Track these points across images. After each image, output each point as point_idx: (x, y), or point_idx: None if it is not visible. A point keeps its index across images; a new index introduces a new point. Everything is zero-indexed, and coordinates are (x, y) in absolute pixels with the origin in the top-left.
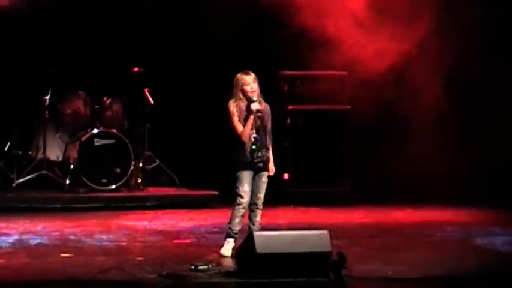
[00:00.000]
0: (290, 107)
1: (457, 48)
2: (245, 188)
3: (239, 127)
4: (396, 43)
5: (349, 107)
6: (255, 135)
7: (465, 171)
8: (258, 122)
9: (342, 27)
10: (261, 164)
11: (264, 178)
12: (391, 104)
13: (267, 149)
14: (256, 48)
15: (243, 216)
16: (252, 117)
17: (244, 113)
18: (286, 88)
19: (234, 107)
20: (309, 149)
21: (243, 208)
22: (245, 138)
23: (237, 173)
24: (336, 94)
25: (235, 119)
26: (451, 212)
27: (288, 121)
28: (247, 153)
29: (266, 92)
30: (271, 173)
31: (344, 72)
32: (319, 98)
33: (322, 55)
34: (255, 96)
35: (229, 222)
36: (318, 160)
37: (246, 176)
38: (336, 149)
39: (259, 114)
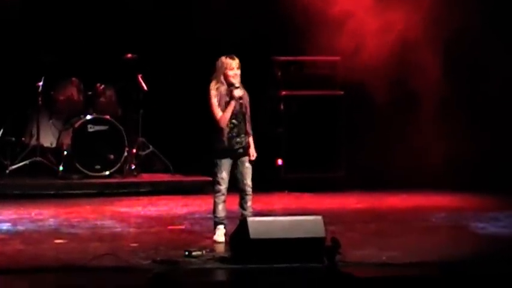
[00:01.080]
0: (283, 92)
1: (458, 28)
2: (223, 175)
3: (218, 112)
4: (394, 26)
5: (342, 92)
6: (233, 121)
7: (462, 157)
8: (238, 108)
9: (338, 10)
10: (241, 150)
11: (247, 163)
12: (386, 88)
13: (246, 135)
14: (249, 34)
15: (224, 201)
16: (232, 103)
17: (224, 98)
18: (279, 74)
19: (215, 91)
20: (303, 134)
21: (222, 195)
22: (223, 124)
23: (215, 160)
24: (330, 79)
25: (215, 102)
26: (446, 197)
27: (282, 107)
28: (226, 140)
29: (259, 78)
30: (252, 158)
31: (337, 57)
32: (312, 84)
33: (318, 39)
34: (237, 82)
35: (213, 212)
36: (312, 146)
37: (224, 163)
38: (329, 135)
39: (240, 101)
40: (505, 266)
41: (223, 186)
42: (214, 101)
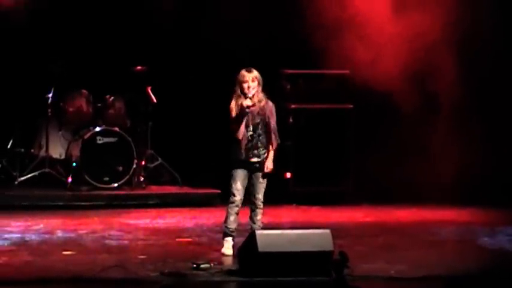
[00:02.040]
0: (292, 105)
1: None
2: (238, 186)
3: (235, 125)
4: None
5: (351, 105)
6: (251, 133)
7: (471, 171)
8: (257, 120)
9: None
10: (257, 165)
11: (261, 179)
12: (394, 103)
13: (265, 148)
14: (258, 46)
15: (237, 213)
16: (243, 114)
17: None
18: (288, 87)
19: (234, 103)
20: (312, 147)
21: (236, 206)
22: (239, 136)
23: (232, 171)
24: (339, 93)
25: (233, 115)
26: (454, 211)
27: (290, 120)
28: (242, 151)
29: (268, 91)
30: (266, 171)
31: (346, 71)
32: (321, 97)
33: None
34: (250, 93)
35: (225, 221)
36: (321, 159)
37: (239, 174)
38: (338, 148)
39: (247, 110)
40: None
41: (237, 198)
42: (233, 113)
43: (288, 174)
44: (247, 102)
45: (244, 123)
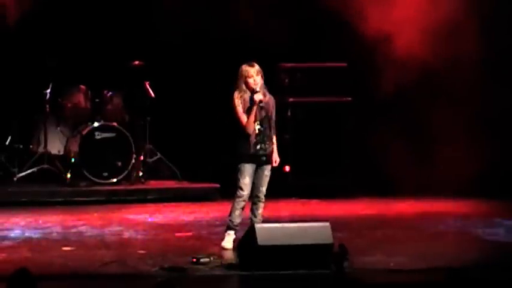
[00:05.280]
0: (291, 99)
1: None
2: (246, 181)
3: (243, 118)
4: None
5: (350, 98)
6: (258, 126)
7: (470, 163)
8: (263, 114)
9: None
10: (264, 158)
11: (267, 171)
12: (393, 95)
13: (271, 141)
14: (256, 40)
15: (243, 208)
16: (254, 108)
17: (248, 105)
18: (286, 80)
19: (238, 99)
20: (310, 141)
21: (243, 201)
22: (249, 130)
23: (239, 165)
24: (337, 86)
25: (240, 110)
26: (452, 203)
27: (289, 113)
28: (251, 146)
29: (266, 84)
30: (275, 164)
31: (344, 64)
32: (319, 90)
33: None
34: (257, 87)
35: (230, 215)
36: (319, 152)
37: (247, 169)
38: (337, 141)
39: (261, 104)
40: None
41: (245, 192)
42: (239, 108)
43: (287, 168)
44: (258, 97)
45: (253, 117)
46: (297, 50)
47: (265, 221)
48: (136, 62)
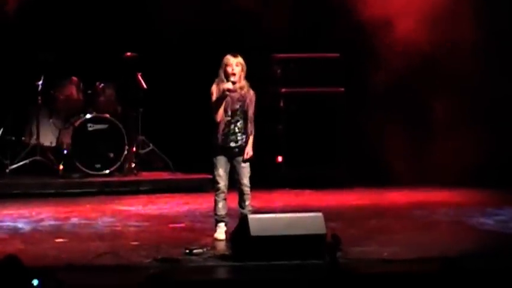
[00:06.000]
0: (283, 90)
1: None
2: (220, 172)
3: (214, 109)
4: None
5: (342, 89)
6: (229, 118)
7: (465, 152)
8: (236, 106)
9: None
10: (236, 150)
11: (243, 164)
12: (386, 85)
13: (244, 134)
14: (249, 31)
15: (225, 199)
16: (222, 96)
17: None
18: (279, 71)
19: (215, 87)
20: (303, 131)
21: (222, 192)
22: (217, 119)
23: (212, 158)
24: (330, 76)
25: (213, 98)
26: (447, 192)
27: (282, 104)
28: (220, 137)
29: (259, 75)
30: (247, 156)
31: (337, 54)
32: (312, 81)
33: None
34: (233, 78)
35: (214, 209)
36: (312, 142)
37: (219, 161)
38: (330, 131)
39: (226, 93)
40: (507, 262)
41: (221, 184)
42: (213, 97)
43: (280, 158)
44: (228, 86)
45: (223, 107)
46: (289, 40)
47: (257, 211)
48: (129, 54)
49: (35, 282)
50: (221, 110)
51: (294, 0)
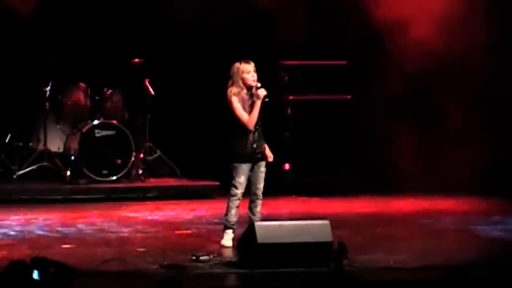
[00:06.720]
0: (290, 97)
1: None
2: (241, 180)
3: (244, 116)
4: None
5: (349, 96)
6: (255, 125)
7: (470, 161)
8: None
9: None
10: (259, 155)
11: (262, 168)
12: (392, 93)
13: (263, 139)
14: (256, 38)
15: (238, 207)
16: (259, 103)
17: (247, 102)
18: (286, 78)
19: (236, 96)
20: (310, 139)
21: (238, 199)
22: (251, 126)
23: (235, 164)
24: (337, 84)
25: (239, 107)
26: (452, 201)
27: (289, 111)
28: (249, 145)
29: (266, 82)
30: (270, 160)
31: (344, 62)
32: (319, 88)
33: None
34: (258, 84)
35: (226, 214)
36: (319, 150)
37: (243, 168)
38: (336, 139)
39: (266, 99)
40: (511, 270)
41: (239, 191)
42: (239, 105)
43: (287, 166)
44: (264, 92)
45: (257, 113)
46: (297, 47)
47: (264, 219)
48: (137, 60)
49: (35, 274)
50: (255, 116)
51: (302, 8)
